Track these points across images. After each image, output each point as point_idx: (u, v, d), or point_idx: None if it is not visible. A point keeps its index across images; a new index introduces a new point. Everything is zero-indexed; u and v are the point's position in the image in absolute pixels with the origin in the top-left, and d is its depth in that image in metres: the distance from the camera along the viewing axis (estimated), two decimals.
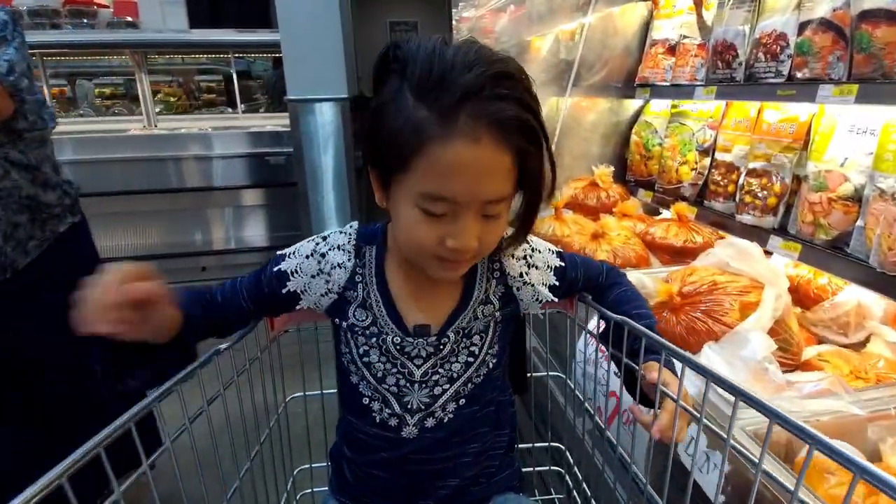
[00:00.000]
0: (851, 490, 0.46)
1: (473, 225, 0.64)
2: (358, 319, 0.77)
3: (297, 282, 0.76)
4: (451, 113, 0.58)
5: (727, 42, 1.60)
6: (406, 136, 0.60)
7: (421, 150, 0.59)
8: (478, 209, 0.64)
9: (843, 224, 1.28)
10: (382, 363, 0.77)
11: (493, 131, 0.59)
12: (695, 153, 1.84)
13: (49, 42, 3.69)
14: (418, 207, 0.63)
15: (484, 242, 0.67)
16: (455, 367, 0.78)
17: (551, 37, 2.38)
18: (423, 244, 0.65)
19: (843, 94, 1.19)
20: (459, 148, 0.59)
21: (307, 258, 0.77)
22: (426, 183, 0.61)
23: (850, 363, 1.14)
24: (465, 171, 0.60)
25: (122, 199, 3.50)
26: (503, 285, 0.81)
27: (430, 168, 0.60)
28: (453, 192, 0.61)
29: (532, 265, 0.82)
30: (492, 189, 0.63)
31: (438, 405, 0.78)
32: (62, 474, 0.52)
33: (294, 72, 3.13)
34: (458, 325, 0.77)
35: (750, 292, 1.18)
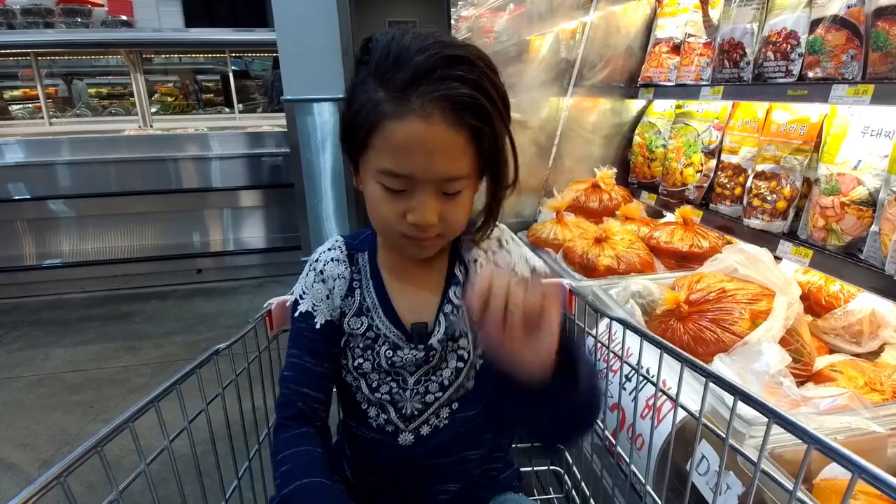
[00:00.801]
0: (850, 488, 0.46)
1: (432, 202, 0.65)
2: (353, 328, 0.77)
3: (323, 312, 0.77)
4: (404, 92, 0.61)
5: (735, 40, 1.56)
6: (364, 116, 0.63)
7: (377, 127, 0.63)
8: (436, 186, 0.65)
9: (857, 229, 1.23)
10: (377, 372, 0.77)
11: (444, 109, 0.60)
12: (700, 155, 1.80)
13: (43, 41, 3.64)
14: (379, 184, 0.66)
15: (448, 222, 0.68)
16: (446, 374, 0.78)
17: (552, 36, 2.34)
18: (388, 220, 0.68)
19: (859, 94, 1.15)
20: (411, 125, 0.61)
21: (314, 284, 0.78)
22: (383, 160, 0.64)
23: (864, 374, 1.10)
24: (418, 148, 0.62)
25: (118, 201, 3.47)
26: (464, 267, 0.80)
27: (385, 145, 0.63)
28: (407, 168, 0.63)
29: (493, 262, 0.79)
30: (446, 167, 0.64)
31: (431, 412, 0.78)
32: (61, 474, 0.52)
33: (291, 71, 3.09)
34: (440, 320, 0.77)
35: (760, 300, 1.14)
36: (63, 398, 2.34)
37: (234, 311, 3.24)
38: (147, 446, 0.66)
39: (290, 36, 3.02)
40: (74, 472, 0.55)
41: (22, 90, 4.56)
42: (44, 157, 3.33)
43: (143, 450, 0.65)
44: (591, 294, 1.35)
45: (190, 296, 3.52)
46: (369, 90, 0.63)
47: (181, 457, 0.71)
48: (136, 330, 3.02)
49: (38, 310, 3.34)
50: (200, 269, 3.75)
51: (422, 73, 0.60)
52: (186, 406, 0.74)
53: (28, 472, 1.92)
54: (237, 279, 3.75)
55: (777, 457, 0.77)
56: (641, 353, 0.84)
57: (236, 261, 3.78)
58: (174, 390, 0.70)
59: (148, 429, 0.64)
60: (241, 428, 0.86)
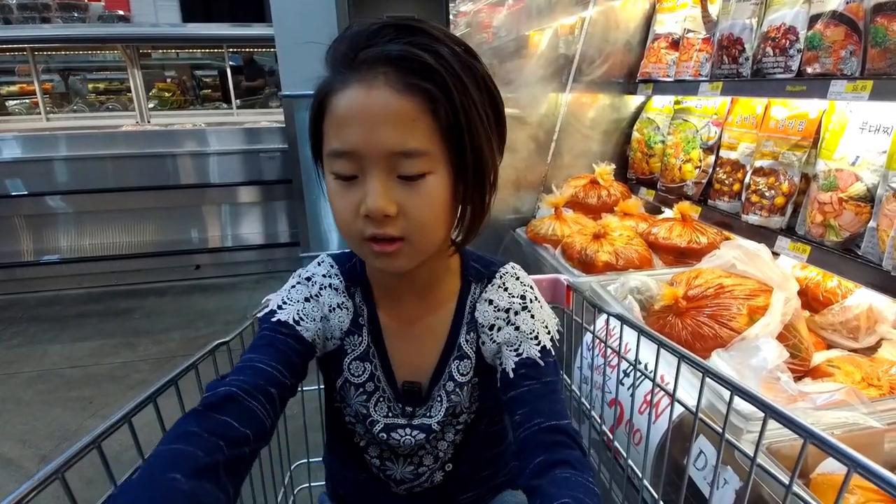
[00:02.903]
0: (846, 483, 0.46)
1: (383, 185, 0.55)
2: (354, 374, 0.69)
3: (308, 329, 0.65)
4: (344, 66, 0.55)
5: (734, 36, 1.55)
6: (316, 104, 0.58)
7: (325, 109, 0.57)
8: (387, 166, 0.55)
9: (855, 225, 1.23)
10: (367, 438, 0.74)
11: (388, 73, 0.54)
12: (698, 151, 1.80)
13: (39, 36, 3.63)
14: (332, 174, 0.58)
15: (410, 216, 0.56)
16: (442, 447, 0.73)
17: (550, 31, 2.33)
18: (345, 219, 0.58)
19: (857, 90, 1.14)
20: (352, 93, 0.54)
21: (306, 302, 0.66)
22: (330, 137, 0.57)
23: (861, 370, 1.10)
24: (360, 117, 0.54)
25: (116, 197, 3.47)
26: (475, 334, 0.69)
27: (331, 123, 0.56)
28: (350, 141, 0.55)
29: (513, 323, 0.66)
30: (392, 138, 0.54)
31: (424, 478, 0.75)
32: (59, 469, 0.51)
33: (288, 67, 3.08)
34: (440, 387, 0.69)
35: (758, 296, 1.14)
36: (62, 394, 2.34)
37: (232, 308, 3.24)
38: (146, 442, 0.66)
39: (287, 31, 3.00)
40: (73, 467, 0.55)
41: (19, 85, 4.54)
42: (41, 152, 3.32)
43: (143, 445, 0.65)
44: (590, 290, 1.35)
45: (188, 292, 3.52)
46: (323, 78, 0.58)
47: None
48: (135, 326, 3.02)
49: (36, 306, 3.34)
50: (199, 266, 3.75)
51: (363, 39, 0.55)
52: (185, 402, 0.74)
53: (27, 467, 1.92)
54: (235, 275, 3.75)
55: (774, 451, 0.78)
56: (639, 348, 0.84)
57: (234, 257, 3.78)
58: (172, 386, 0.69)
59: (146, 424, 0.64)
60: None
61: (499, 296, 0.68)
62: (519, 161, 2.14)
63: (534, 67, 2.18)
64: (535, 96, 2.12)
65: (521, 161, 2.14)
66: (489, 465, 0.81)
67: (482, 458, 0.79)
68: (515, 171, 2.14)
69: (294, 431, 1.02)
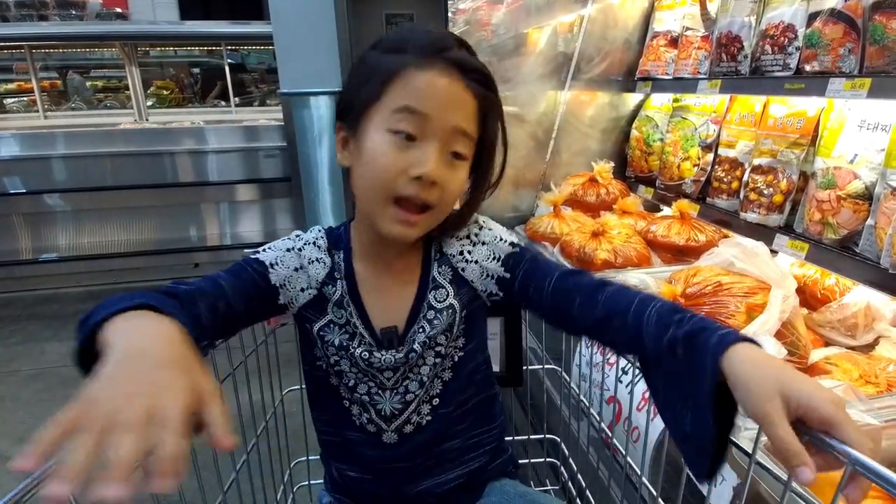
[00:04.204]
0: (844, 480, 0.47)
1: (439, 157, 0.66)
2: (336, 316, 0.75)
3: (278, 274, 0.73)
4: (427, 54, 0.66)
5: (732, 34, 1.55)
6: (383, 69, 0.66)
7: (398, 73, 0.65)
8: (443, 142, 0.66)
9: (853, 223, 1.24)
10: (353, 373, 0.77)
11: (461, 74, 0.66)
12: (697, 149, 1.80)
13: (36, 34, 3.61)
14: (389, 131, 0.65)
15: (446, 187, 0.67)
16: (424, 371, 0.77)
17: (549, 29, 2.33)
18: (385, 172, 0.65)
19: (856, 87, 1.14)
20: (434, 73, 0.65)
21: (287, 251, 0.75)
22: (402, 98, 0.65)
23: (859, 367, 1.11)
24: (439, 94, 0.65)
25: (114, 195, 3.46)
26: (448, 266, 0.78)
27: (406, 85, 0.65)
28: (424, 105, 0.64)
29: (479, 241, 0.78)
30: (460, 117, 0.67)
31: (412, 410, 0.78)
32: None
33: (287, 64, 3.07)
34: (419, 323, 0.76)
35: (756, 293, 1.15)
36: (60, 392, 2.33)
37: None
38: None
39: (286, 29, 3.00)
40: None
41: (17, 83, 4.53)
42: (39, 150, 3.31)
43: None
44: None
45: None
46: (380, 56, 0.68)
47: None
48: None
49: (34, 304, 3.33)
50: (197, 264, 3.74)
51: (441, 44, 0.67)
52: None
53: None
54: None
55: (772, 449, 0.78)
56: None
57: (233, 255, 3.77)
58: None
59: None
60: (239, 421, 0.86)
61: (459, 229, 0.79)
62: (518, 159, 2.13)
63: (533, 65, 2.18)
64: (533, 94, 2.12)
65: (519, 159, 2.14)
66: (478, 423, 0.84)
67: (470, 406, 0.82)
68: (514, 169, 2.14)
69: (294, 429, 1.03)
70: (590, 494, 1.01)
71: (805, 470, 0.46)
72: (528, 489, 0.88)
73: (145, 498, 0.65)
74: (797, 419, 0.49)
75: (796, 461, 0.46)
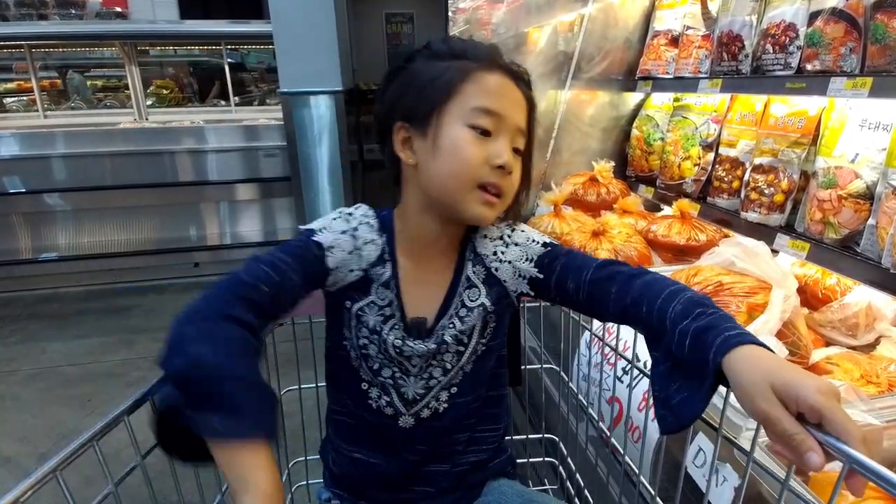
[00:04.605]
0: (841, 479, 0.46)
1: (510, 148, 0.74)
2: (379, 297, 0.77)
3: (335, 257, 0.75)
4: (490, 59, 0.74)
5: (733, 33, 1.55)
6: (452, 72, 0.72)
7: (469, 76, 0.72)
8: (511, 137, 0.74)
9: (854, 222, 1.23)
10: (380, 358, 0.78)
11: (517, 81, 0.75)
12: (698, 148, 1.80)
13: (36, 33, 3.61)
14: (468, 126, 0.71)
15: (514, 177, 0.75)
16: (447, 358, 0.79)
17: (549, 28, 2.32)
18: (471, 163, 0.71)
19: (857, 87, 1.14)
20: (501, 75, 0.74)
21: (342, 234, 0.77)
22: (477, 99, 0.72)
23: (860, 367, 1.10)
24: (507, 94, 0.74)
25: (114, 194, 3.46)
26: (482, 266, 0.81)
27: (479, 87, 0.72)
28: (500, 106, 0.72)
29: (511, 243, 0.82)
30: (520, 118, 0.75)
31: (432, 395, 0.80)
32: (56, 468, 0.52)
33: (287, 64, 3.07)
34: (450, 318, 0.78)
35: (757, 293, 1.14)
36: (60, 392, 2.33)
37: None
38: (144, 440, 0.66)
39: (286, 28, 3.00)
40: (72, 465, 0.55)
41: (16, 83, 4.52)
42: (39, 150, 3.31)
43: (140, 443, 0.65)
44: None
45: (187, 289, 3.52)
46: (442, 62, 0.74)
47: None
48: (134, 324, 3.01)
49: (34, 303, 3.33)
50: (198, 263, 3.74)
51: (496, 52, 0.76)
52: None
53: (25, 465, 1.92)
54: None
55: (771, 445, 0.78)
56: (636, 346, 0.84)
57: (233, 254, 3.77)
58: None
59: (144, 422, 0.64)
60: None
61: (488, 230, 0.82)
62: None
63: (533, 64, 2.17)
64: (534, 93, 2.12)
65: None
66: (486, 419, 0.86)
67: (483, 400, 0.85)
68: None
69: (292, 429, 1.02)
70: (588, 494, 1.01)
71: (813, 455, 0.46)
72: (525, 489, 0.89)
73: (145, 498, 0.65)
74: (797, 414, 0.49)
75: (804, 447, 0.47)
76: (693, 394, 0.58)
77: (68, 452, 0.55)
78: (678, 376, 0.61)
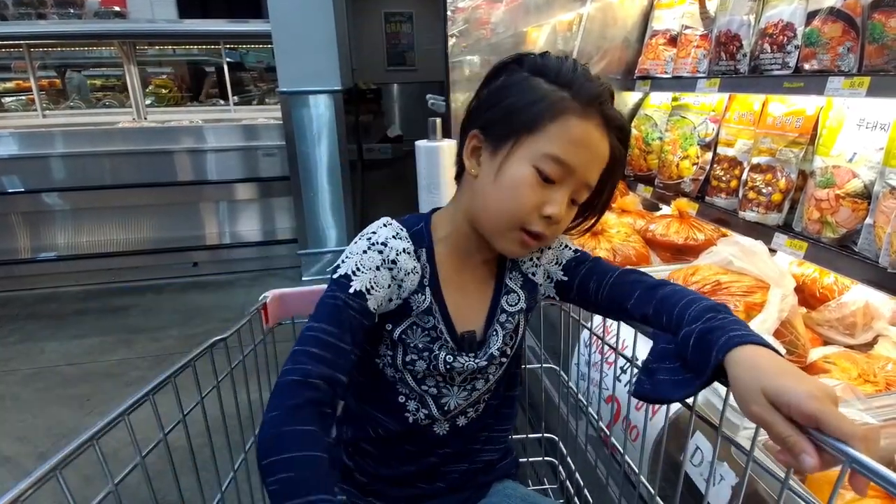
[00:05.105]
0: (840, 478, 0.46)
1: (567, 201, 0.71)
2: (420, 321, 0.75)
3: (376, 298, 0.70)
4: (592, 103, 0.69)
5: (731, 32, 1.55)
6: (545, 105, 0.68)
7: (559, 117, 0.68)
8: (574, 190, 0.71)
9: (852, 222, 1.24)
10: (427, 372, 0.77)
11: (610, 133, 0.71)
12: (696, 147, 1.80)
13: (34, 32, 3.61)
14: (535, 168, 0.68)
15: (560, 226, 0.73)
16: (491, 370, 0.81)
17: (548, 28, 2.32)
18: (522, 206, 0.69)
19: (854, 86, 1.14)
20: (592, 128, 0.69)
21: (377, 270, 0.70)
22: (554, 145, 0.68)
23: (857, 366, 1.11)
24: (590, 149, 0.69)
25: (113, 194, 3.46)
26: (518, 272, 0.82)
27: (562, 133, 0.68)
28: (574, 160, 0.68)
29: (546, 247, 0.83)
30: (593, 174, 0.72)
31: (470, 404, 0.81)
32: (55, 467, 0.52)
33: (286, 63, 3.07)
34: (494, 327, 0.79)
35: (755, 292, 1.15)
36: (59, 391, 2.33)
37: (229, 305, 3.24)
38: (144, 439, 0.66)
39: (285, 27, 2.99)
40: (72, 464, 0.55)
41: (15, 82, 4.51)
42: (38, 149, 3.31)
43: (140, 443, 0.65)
44: None
45: (186, 289, 3.52)
46: (542, 86, 0.70)
47: (177, 449, 0.72)
48: (132, 323, 3.01)
49: (33, 303, 3.33)
50: (196, 263, 3.74)
51: (603, 96, 0.70)
52: (182, 399, 0.74)
53: (25, 464, 1.92)
54: (233, 272, 3.74)
55: (770, 448, 0.78)
56: (636, 345, 0.84)
57: (232, 254, 3.77)
58: (169, 383, 0.69)
59: (143, 421, 0.64)
60: (237, 420, 0.86)
61: None
62: None
63: None
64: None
65: None
66: (502, 419, 0.88)
67: (503, 399, 0.87)
68: None
69: None
70: (588, 493, 1.01)
71: (806, 457, 0.47)
72: (528, 491, 0.89)
73: (145, 497, 0.66)
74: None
75: (796, 449, 0.47)
76: (682, 381, 0.60)
77: (68, 452, 0.55)
78: (677, 362, 0.63)
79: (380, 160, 5.63)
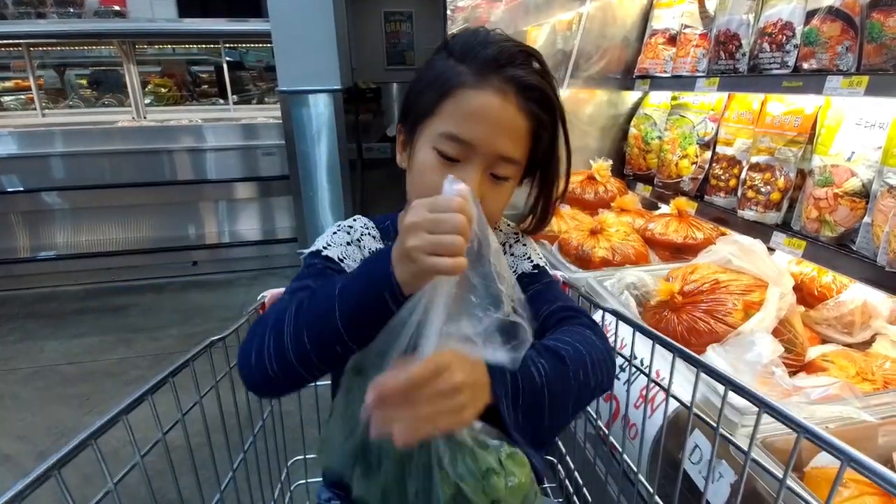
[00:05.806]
0: (839, 477, 0.47)
1: (477, 178, 0.67)
2: None
3: (349, 267, 0.73)
4: (486, 70, 0.66)
5: (730, 32, 1.55)
6: (441, 83, 0.67)
7: (452, 93, 0.66)
8: (486, 164, 0.68)
9: (850, 221, 1.24)
10: None
11: (517, 93, 0.66)
12: (695, 146, 1.80)
13: (34, 32, 3.60)
14: (435, 150, 0.67)
15: (487, 205, 0.68)
16: None
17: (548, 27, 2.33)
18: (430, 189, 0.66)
19: (853, 85, 1.15)
20: (488, 97, 0.66)
21: (348, 245, 0.75)
22: (449, 123, 0.66)
23: (855, 364, 1.11)
24: (488, 119, 0.66)
25: (112, 193, 3.45)
26: None
27: (456, 109, 0.66)
28: (471, 134, 0.66)
29: (509, 252, 0.82)
30: (505, 145, 0.67)
31: None
32: (54, 466, 0.52)
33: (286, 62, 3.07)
34: None
35: (753, 291, 1.15)
36: (59, 391, 2.33)
37: (229, 304, 3.24)
38: (142, 438, 0.66)
39: (284, 26, 2.99)
40: (71, 463, 0.55)
41: (14, 81, 4.51)
42: (37, 148, 3.31)
43: (139, 442, 0.65)
44: (586, 286, 1.36)
45: (185, 288, 3.52)
46: (446, 65, 0.68)
47: (176, 449, 0.71)
48: (132, 322, 3.01)
49: (32, 302, 3.33)
50: (196, 262, 3.74)
51: (506, 57, 0.66)
52: (181, 398, 0.74)
53: (24, 464, 1.92)
54: (232, 271, 3.74)
55: (768, 445, 0.78)
56: (634, 344, 0.84)
57: (231, 253, 3.77)
58: (168, 382, 0.69)
59: (143, 421, 0.64)
60: (236, 420, 0.86)
61: (496, 234, 0.79)
62: None
63: None
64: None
65: None
66: None
67: None
68: None
69: (291, 428, 1.03)
70: (587, 491, 1.01)
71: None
72: None
73: (145, 496, 0.66)
74: None
75: None
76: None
77: (67, 451, 0.55)
78: None
79: (379, 159, 5.62)
